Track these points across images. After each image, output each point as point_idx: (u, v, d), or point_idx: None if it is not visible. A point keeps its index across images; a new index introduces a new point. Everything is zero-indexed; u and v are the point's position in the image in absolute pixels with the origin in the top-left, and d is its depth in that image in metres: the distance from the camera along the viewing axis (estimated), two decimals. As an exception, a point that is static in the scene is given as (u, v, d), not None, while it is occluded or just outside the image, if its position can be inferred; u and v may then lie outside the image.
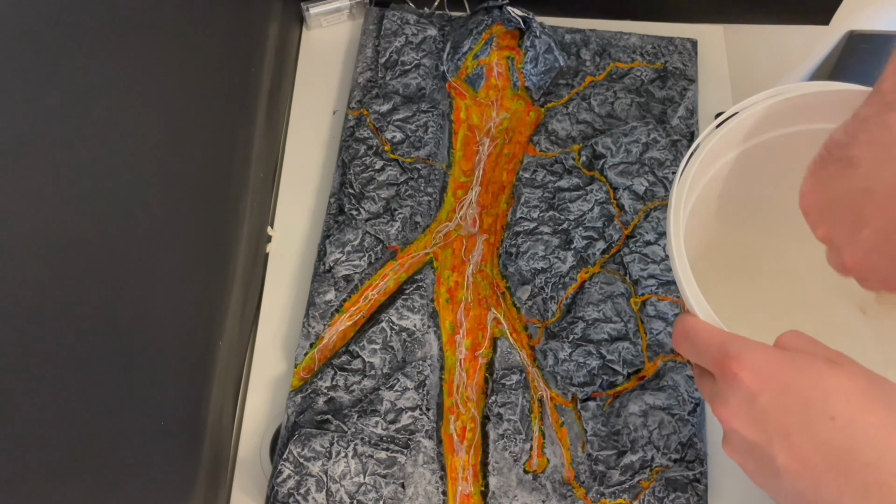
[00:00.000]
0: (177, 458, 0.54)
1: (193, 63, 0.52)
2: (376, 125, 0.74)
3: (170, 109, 0.48)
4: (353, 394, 0.64)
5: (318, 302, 0.67)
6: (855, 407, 0.33)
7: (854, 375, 0.34)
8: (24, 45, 0.32)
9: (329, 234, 0.70)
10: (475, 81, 0.77)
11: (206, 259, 0.58)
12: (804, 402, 0.34)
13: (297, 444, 0.60)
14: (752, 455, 0.36)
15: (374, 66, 0.78)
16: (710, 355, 0.37)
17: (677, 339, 0.41)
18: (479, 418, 0.63)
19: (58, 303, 0.36)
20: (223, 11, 0.58)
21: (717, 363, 0.37)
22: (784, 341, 0.38)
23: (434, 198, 0.71)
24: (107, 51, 0.39)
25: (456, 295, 0.68)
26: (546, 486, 0.61)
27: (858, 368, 0.35)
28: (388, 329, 0.65)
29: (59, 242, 0.36)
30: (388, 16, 0.80)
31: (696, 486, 0.60)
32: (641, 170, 0.71)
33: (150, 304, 0.47)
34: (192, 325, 0.55)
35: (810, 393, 0.34)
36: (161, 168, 0.48)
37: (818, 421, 0.33)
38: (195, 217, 0.55)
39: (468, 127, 0.76)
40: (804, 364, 0.35)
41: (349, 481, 0.59)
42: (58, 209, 0.36)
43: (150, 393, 0.48)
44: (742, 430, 0.36)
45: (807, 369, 0.35)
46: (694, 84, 0.77)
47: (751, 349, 0.36)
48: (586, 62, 0.78)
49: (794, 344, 0.37)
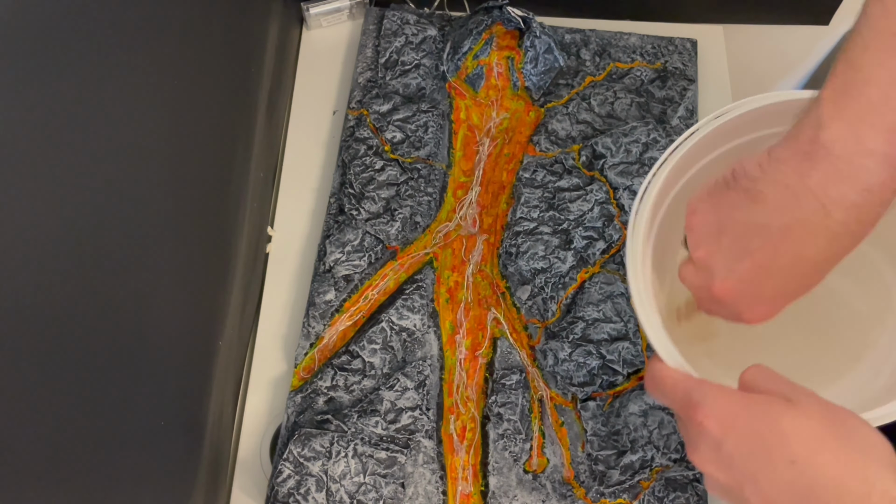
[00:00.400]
0: (177, 458, 0.54)
1: (193, 63, 0.52)
2: (376, 125, 0.74)
3: (169, 109, 0.48)
4: (353, 394, 0.64)
5: (318, 302, 0.67)
6: (812, 448, 0.35)
7: (810, 414, 0.36)
8: (24, 47, 0.32)
9: (329, 234, 0.70)
10: (475, 81, 0.77)
11: (206, 259, 0.58)
12: (765, 447, 0.35)
13: (297, 443, 0.60)
14: (729, 496, 0.38)
15: (374, 66, 0.78)
16: (678, 404, 0.39)
17: (649, 386, 0.42)
18: (479, 418, 0.63)
19: (57, 303, 0.36)
20: (223, 11, 0.58)
21: (683, 411, 0.38)
22: (747, 379, 0.39)
23: (434, 198, 0.71)
24: (106, 51, 0.39)
25: (456, 295, 0.68)
26: (546, 485, 0.61)
27: (815, 405, 0.37)
28: (388, 329, 0.65)
29: (59, 242, 0.36)
30: (388, 16, 0.80)
31: (696, 485, 0.60)
32: (641, 170, 0.71)
33: (150, 303, 0.47)
34: (192, 325, 0.55)
35: (770, 437, 0.36)
36: (161, 168, 0.48)
37: (780, 465, 0.35)
38: (195, 217, 0.55)
39: (468, 127, 0.76)
40: (763, 408, 0.37)
41: (349, 481, 0.59)
42: (58, 209, 0.36)
43: (150, 393, 0.48)
44: (715, 475, 0.38)
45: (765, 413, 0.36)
46: (694, 84, 0.77)
47: (713, 396, 0.37)
48: (586, 62, 0.78)
49: (757, 381, 0.39)
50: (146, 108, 0.45)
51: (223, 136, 0.60)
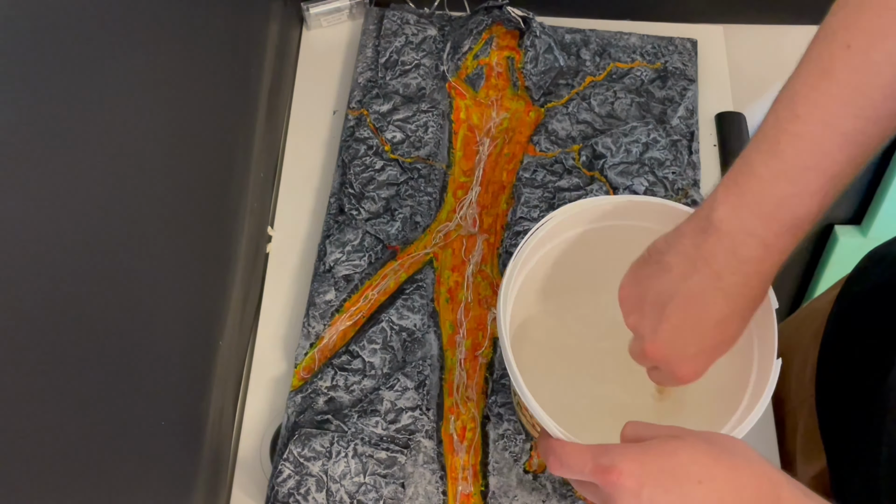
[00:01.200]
0: (177, 458, 0.54)
1: (193, 63, 0.52)
2: (376, 125, 0.74)
3: (169, 109, 0.48)
4: (353, 394, 0.64)
5: (318, 302, 0.67)
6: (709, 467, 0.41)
7: (695, 443, 0.42)
8: (24, 46, 0.32)
9: (329, 234, 0.70)
10: (475, 81, 0.77)
11: (206, 259, 0.58)
12: (675, 479, 0.40)
13: (298, 443, 0.60)
14: None
15: (374, 66, 0.78)
16: (589, 473, 0.43)
17: (552, 465, 0.46)
18: (479, 418, 0.63)
19: (57, 303, 0.36)
20: (223, 11, 0.58)
21: (597, 477, 0.43)
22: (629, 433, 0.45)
23: (434, 198, 0.71)
24: (106, 51, 0.39)
25: (456, 295, 0.68)
26: (546, 486, 0.61)
27: (693, 436, 0.43)
28: (388, 329, 0.65)
29: (59, 243, 0.36)
30: (388, 16, 0.80)
31: (696, 485, 0.60)
32: (641, 170, 0.71)
33: (150, 303, 0.47)
34: (192, 325, 0.55)
35: (676, 469, 0.41)
36: (161, 168, 0.48)
37: (691, 488, 0.40)
38: (195, 217, 0.55)
39: (468, 127, 0.76)
40: (660, 448, 0.42)
41: (349, 481, 0.59)
42: (57, 209, 0.36)
43: (150, 393, 0.48)
44: None
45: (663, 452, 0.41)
46: (694, 84, 0.77)
47: (619, 455, 0.42)
48: (586, 62, 0.78)
49: (641, 433, 0.44)
50: (145, 108, 0.45)
51: (223, 136, 0.60)
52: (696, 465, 0.41)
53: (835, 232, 1.08)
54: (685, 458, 0.41)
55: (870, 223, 1.06)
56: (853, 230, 1.08)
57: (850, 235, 1.08)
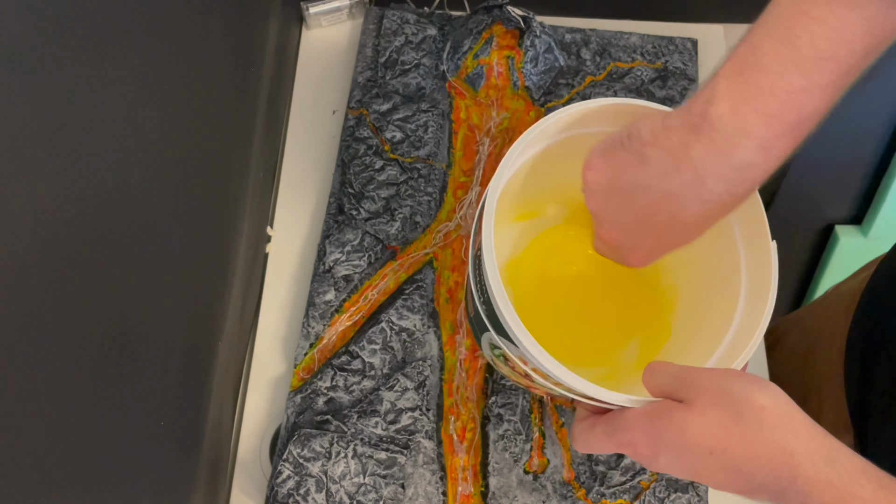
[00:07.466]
0: (177, 458, 0.54)
1: (192, 63, 0.52)
2: (376, 125, 0.74)
3: (169, 109, 0.48)
4: (353, 394, 0.63)
5: (318, 302, 0.67)
6: (720, 438, 0.39)
7: (705, 411, 0.40)
8: (23, 46, 0.32)
9: (329, 233, 0.69)
10: (475, 81, 0.77)
11: (205, 259, 0.57)
12: (686, 450, 0.40)
13: (297, 444, 0.60)
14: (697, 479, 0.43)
15: (373, 65, 0.78)
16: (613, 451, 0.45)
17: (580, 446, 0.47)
18: (479, 419, 0.63)
19: (57, 303, 0.36)
20: (223, 11, 0.58)
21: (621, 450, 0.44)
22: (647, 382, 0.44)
23: (434, 197, 0.71)
24: (105, 50, 0.39)
25: (456, 295, 0.68)
26: (546, 486, 0.61)
27: (706, 397, 0.40)
28: (387, 329, 0.65)
29: (59, 242, 0.36)
30: (387, 15, 0.80)
31: (697, 486, 0.60)
32: (642, 170, 0.71)
33: (149, 304, 0.47)
34: (191, 325, 0.55)
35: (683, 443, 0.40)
36: (160, 168, 0.48)
37: (703, 458, 0.40)
38: (195, 217, 0.55)
39: (468, 127, 0.76)
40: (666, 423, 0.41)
41: (349, 482, 0.59)
42: (57, 209, 0.35)
43: (150, 393, 0.48)
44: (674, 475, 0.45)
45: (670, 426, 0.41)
46: (694, 84, 0.77)
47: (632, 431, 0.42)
48: (586, 62, 0.78)
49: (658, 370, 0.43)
50: (144, 108, 0.45)
51: (223, 136, 0.60)
52: (706, 439, 0.39)
53: (835, 232, 1.09)
54: (691, 433, 0.40)
55: (870, 223, 1.06)
56: (854, 230, 1.08)
57: (851, 235, 1.08)
